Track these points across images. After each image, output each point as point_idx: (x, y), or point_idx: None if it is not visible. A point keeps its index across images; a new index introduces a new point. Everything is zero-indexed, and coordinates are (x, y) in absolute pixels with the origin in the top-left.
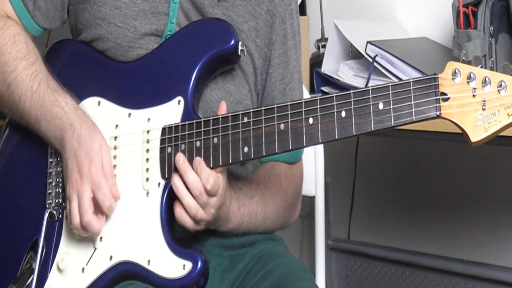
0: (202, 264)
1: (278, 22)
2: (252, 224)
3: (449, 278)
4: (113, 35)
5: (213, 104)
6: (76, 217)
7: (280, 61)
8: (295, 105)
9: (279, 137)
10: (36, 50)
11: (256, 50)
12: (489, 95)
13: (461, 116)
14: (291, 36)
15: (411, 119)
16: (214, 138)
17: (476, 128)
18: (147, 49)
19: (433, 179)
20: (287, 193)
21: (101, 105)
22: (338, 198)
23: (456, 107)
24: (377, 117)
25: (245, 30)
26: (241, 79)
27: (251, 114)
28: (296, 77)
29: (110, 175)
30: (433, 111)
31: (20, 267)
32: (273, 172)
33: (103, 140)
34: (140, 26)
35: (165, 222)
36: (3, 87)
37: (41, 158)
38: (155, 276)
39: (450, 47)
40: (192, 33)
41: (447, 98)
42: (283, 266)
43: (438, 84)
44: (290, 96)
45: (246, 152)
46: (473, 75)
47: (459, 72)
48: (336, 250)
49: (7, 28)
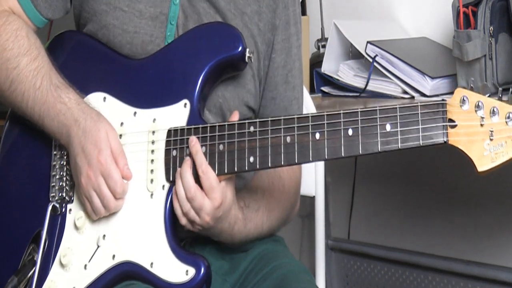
0: (205, 270)
1: (281, 8)
2: (258, 233)
3: (449, 278)
4: (119, 20)
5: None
6: (101, 210)
7: (283, 47)
8: (302, 118)
9: (285, 149)
10: (38, 43)
11: (259, 34)
12: (497, 126)
13: (468, 144)
14: (293, 23)
15: (418, 143)
16: (220, 144)
17: (483, 157)
18: (151, 36)
19: (433, 179)
20: (290, 193)
21: (106, 101)
22: (338, 198)
23: (464, 135)
24: (384, 139)
25: (248, 12)
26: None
27: (258, 123)
28: (297, 65)
29: (120, 156)
30: (440, 137)
31: (21, 259)
32: (275, 175)
33: (109, 125)
34: (145, 9)
35: (169, 226)
36: (6, 84)
37: (45, 150)
38: (158, 279)
39: (450, 47)
40: (200, 36)
41: (455, 125)
42: (283, 267)
43: (446, 110)
44: (292, 83)
45: (252, 162)
46: (481, 104)
47: (467, 99)
48: (336, 250)
49: (9, 24)
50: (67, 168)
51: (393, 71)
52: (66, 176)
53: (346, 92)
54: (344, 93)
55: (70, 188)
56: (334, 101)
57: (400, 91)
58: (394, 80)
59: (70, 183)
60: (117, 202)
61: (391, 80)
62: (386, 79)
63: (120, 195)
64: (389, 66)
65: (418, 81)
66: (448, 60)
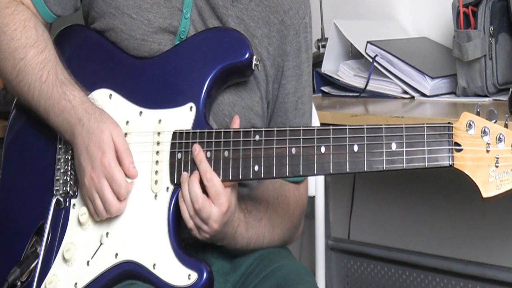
0: (207, 276)
1: (292, 34)
2: (259, 244)
3: (449, 278)
4: (127, 26)
5: (224, 107)
6: (103, 212)
7: (293, 74)
8: (307, 131)
9: (290, 161)
10: (46, 35)
11: (268, 57)
12: (503, 153)
13: (474, 169)
14: (305, 49)
15: (424, 164)
16: (225, 151)
17: (489, 184)
18: (160, 44)
19: (433, 179)
20: (294, 215)
21: (112, 98)
22: (338, 198)
23: (469, 159)
24: (389, 157)
25: (257, 35)
26: (253, 85)
27: (263, 133)
28: (307, 92)
29: (126, 154)
30: (446, 160)
31: (24, 250)
32: (282, 193)
33: (113, 125)
34: (154, 19)
35: (172, 228)
36: (13, 73)
37: (50, 142)
38: (160, 281)
39: (450, 47)
40: (208, 40)
41: (461, 149)
42: (284, 269)
43: (452, 134)
44: (302, 109)
45: (256, 171)
46: (488, 130)
47: (474, 124)
48: (336, 250)
49: (17, 14)
50: (71, 162)
51: (393, 71)
52: (71, 170)
53: (346, 92)
54: (344, 93)
55: (74, 183)
56: (334, 101)
57: (400, 91)
58: (394, 80)
59: (74, 177)
60: (119, 207)
61: (391, 80)
62: (386, 79)
63: (124, 197)
64: (389, 66)
65: (418, 81)
66: (448, 60)
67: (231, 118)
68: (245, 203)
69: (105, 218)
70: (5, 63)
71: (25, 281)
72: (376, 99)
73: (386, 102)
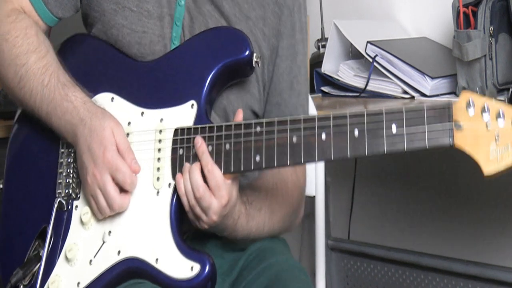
0: (210, 267)
1: (286, 14)
2: (259, 233)
3: (449, 278)
4: (128, 20)
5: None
6: (106, 209)
7: (288, 53)
8: (308, 120)
9: (291, 149)
10: (47, 42)
11: (263, 39)
12: (503, 129)
13: (475, 147)
14: (299, 29)
15: (424, 145)
16: (226, 144)
17: (490, 161)
18: (159, 35)
19: (433, 179)
20: (293, 198)
21: (114, 101)
22: (338, 198)
23: (470, 137)
24: (390, 140)
25: (252, 17)
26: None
27: (264, 124)
28: (303, 72)
29: (127, 151)
30: (447, 140)
31: (27, 254)
32: (280, 178)
33: (114, 122)
34: (153, 9)
35: (174, 223)
36: (15, 80)
37: (53, 147)
38: (163, 275)
39: (450, 47)
40: (208, 40)
41: (461, 127)
42: (278, 265)
43: (451, 113)
44: (297, 89)
45: (257, 161)
46: (487, 107)
47: (473, 102)
48: (336, 250)
49: (19, 21)
50: (74, 165)
51: (393, 71)
52: (73, 173)
53: (346, 92)
54: (344, 93)
55: (77, 186)
56: (334, 101)
57: (400, 91)
58: (394, 80)
59: (76, 180)
60: (122, 202)
61: (391, 80)
62: (386, 79)
63: (130, 186)
64: (389, 66)
65: (418, 81)
66: (448, 60)
67: (228, 100)
68: (246, 195)
69: (108, 215)
70: (7, 70)
71: (27, 284)
72: (376, 99)
73: (386, 102)
